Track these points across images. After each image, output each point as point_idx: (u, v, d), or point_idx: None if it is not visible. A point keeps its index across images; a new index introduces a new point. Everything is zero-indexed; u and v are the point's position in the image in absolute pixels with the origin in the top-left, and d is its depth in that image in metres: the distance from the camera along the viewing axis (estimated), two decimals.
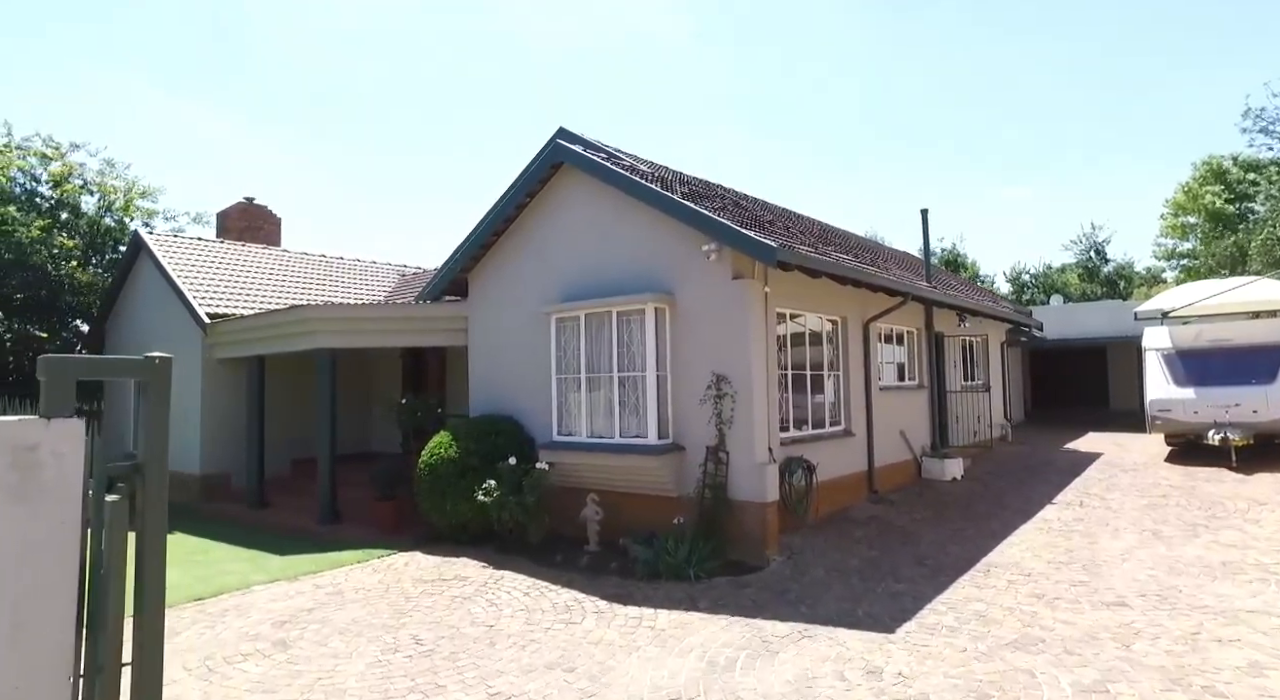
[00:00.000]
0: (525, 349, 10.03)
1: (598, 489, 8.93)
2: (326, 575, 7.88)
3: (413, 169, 69.83)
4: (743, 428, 8.03)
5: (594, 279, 9.34)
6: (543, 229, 10.07)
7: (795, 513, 8.84)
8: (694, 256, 8.42)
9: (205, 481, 12.87)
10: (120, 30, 43.91)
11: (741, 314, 8.12)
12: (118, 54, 44.68)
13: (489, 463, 9.16)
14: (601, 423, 8.92)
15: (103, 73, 43.19)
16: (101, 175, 18.86)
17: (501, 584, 7.39)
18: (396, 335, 10.98)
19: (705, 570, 7.36)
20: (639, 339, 8.61)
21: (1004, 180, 65.04)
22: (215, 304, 13.13)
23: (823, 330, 10.42)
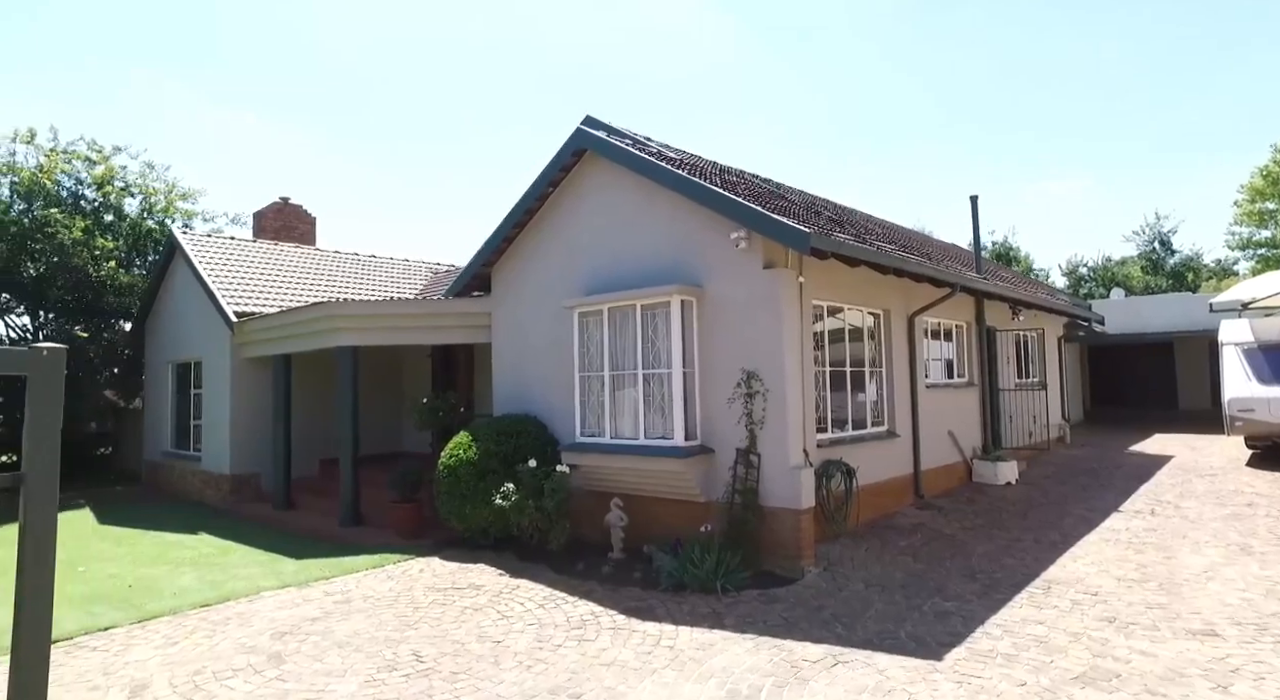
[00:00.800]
0: (548, 345, 9.61)
1: (623, 493, 8.46)
2: (338, 582, 7.57)
3: (451, 170, 70.44)
4: (775, 428, 7.46)
5: (618, 271, 8.86)
6: (565, 220, 9.63)
7: (833, 520, 8.24)
8: (723, 246, 7.88)
9: (235, 482, 12.79)
10: (155, 33, 45.13)
11: (773, 306, 7.54)
12: (154, 57, 45.93)
13: (510, 465, 8.76)
14: (626, 423, 8.44)
15: (139, 75, 44.43)
16: (142, 178, 19.14)
17: (516, 594, 6.96)
18: (419, 332, 10.68)
19: (734, 582, 6.82)
20: (664, 333, 8.10)
21: (1057, 173, 62.57)
22: (245, 303, 13.05)
23: (864, 324, 9.76)
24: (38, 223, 16.36)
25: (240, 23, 48.00)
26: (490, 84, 66.39)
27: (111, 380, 17.67)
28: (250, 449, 12.87)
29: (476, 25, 56.69)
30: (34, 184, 16.89)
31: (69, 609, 6.98)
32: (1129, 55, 56.76)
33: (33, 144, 17.71)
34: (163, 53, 46.03)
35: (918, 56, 61.19)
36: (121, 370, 17.48)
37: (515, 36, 60.01)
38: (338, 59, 56.33)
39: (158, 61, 45.18)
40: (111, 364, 17.39)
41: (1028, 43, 56.44)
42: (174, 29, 44.61)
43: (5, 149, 17.46)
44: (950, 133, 65.64)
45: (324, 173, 58.51)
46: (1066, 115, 61.59)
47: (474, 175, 70.92)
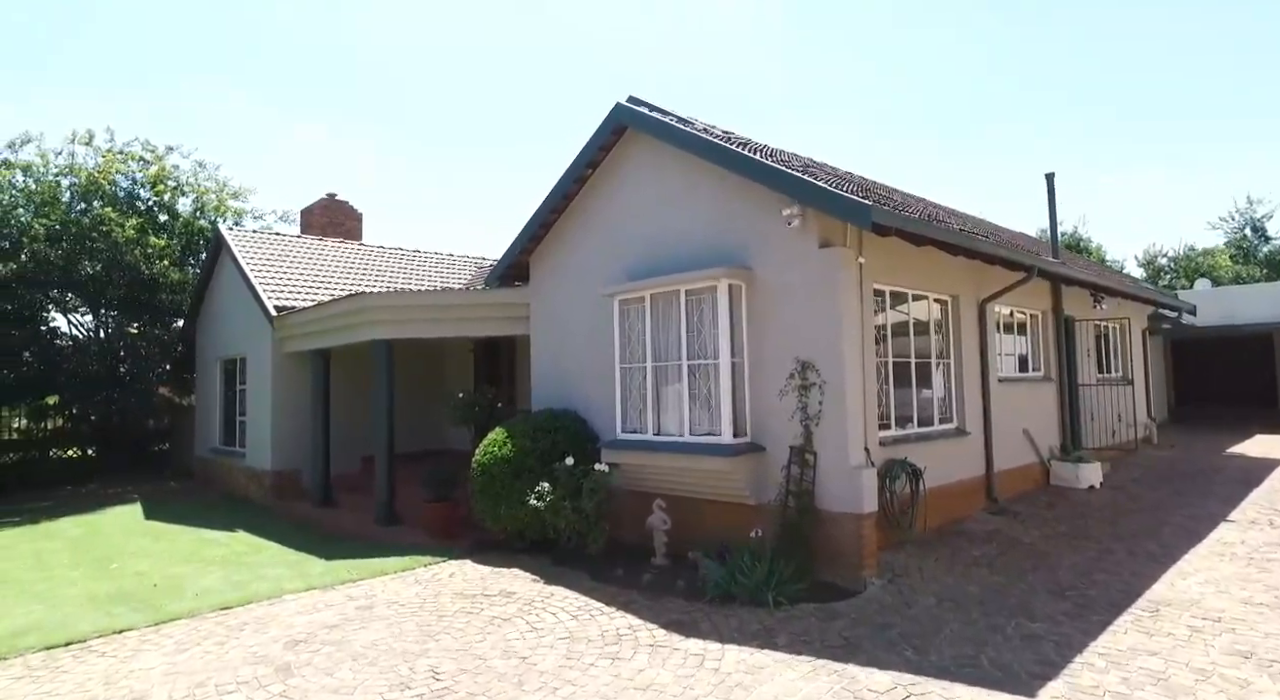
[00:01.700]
0: (588, 336, 9.07)
1: (666, 494, 7.85)
2: (363, 585, 7.16)
3: (498, 165, 70.86)
4: (833, 424, 6.74)
5: (661, 255, 8.26)
6: (605, 203, 9.08)
7: (897, 526, 7.47)
8: (774, 224, 7.20)
9: (276, 478, 12.63)
10: (202, 34, 46.37)
11: (830, 289, 6.83)
12: (201, 57, 47.21)
13: (547, 463, 8.25)
14: (670, 418, 7.83)
15: (189, 76, 45.71)
16: (194, 176, 19.39)
17: (549, 603, 6.42)
18: (455, 325, 10.26)
19: (787, 594, 6.14)
20: (711, 321, 7.46)
21: (1131, 162, 59.35)
22: (286, 297, 12.89)
23: (929, 311, 8.93)
24: (95, 221, 16.64)
25: (291, 32, 49.04)
26: (546, 89, 66.57)
27: (164, 377, 17.90)
28: (291, 446, 12.69)
29: (532, 30, 56.81)
30: (92, 184, 17.21)
31: (90, 609, 6.74)
32: (1211, 35, 53.43)
33: (91, 145, 18.11)
34: (218, 62, 47.33)
35: (983, 41, 58.83)
36: (174, 367, 17.69)
37: (565, 41, 59.98)
38: (390, 65, 57.16)
39: (212, 70, 46.48)
40: (165, 361, 17.61)
41: (1101, 23, 53.62)
42: (227, 39, 45.83)
43: (65, 151, 17.89)
44: (1018, 116, 62.99)
45: (379, 177, 59.45)
46: (1143, 101, 58.37)
47: (527, 179, 71.24)
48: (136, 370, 17.44)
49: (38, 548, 9.91)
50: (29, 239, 16.07)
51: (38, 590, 7.61)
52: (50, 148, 17.91)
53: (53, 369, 16.24)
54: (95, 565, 8.61)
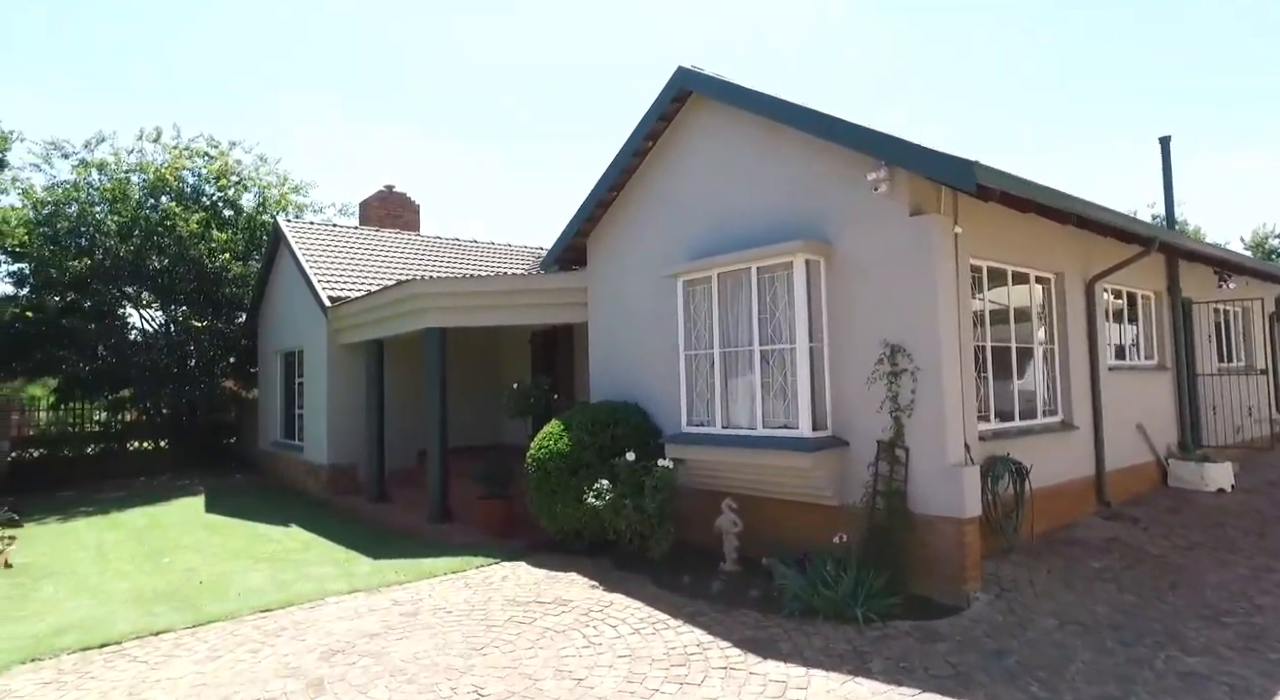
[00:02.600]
0: (649, 321, 8.42)
1: (736, 493, 7.15)
2: (410, 588, 6.69)
3: (559, 157, 70.82)
4: (929, 416, 5.92)
5: (729, 230, 7.54)
6: (666, 177, 8.40)
7: (1000, 531, 6.59)
8: (857, 192, 6.40)
9: (332, 472, 12.42)
10: (255, 34, 47.44)
11: (924, 262, 5.99)
12: (259, 59, 48.32)
13: (606, 458, 7.65)
14: (740, 410, 7.11)
15: (247, 78, 46.85)
16: (256, 170, 19.55)
17: (609, 613, 5.80)
18: (509, 312, 9.76)
19: (878, 610, 5.36)
20: (786, 301, 6.70)
21: (1234, 145, 55.16)
22: (341, 288, 12.67)
23: (1031, 290, 7.95)
24: (162, 216, 16.88)
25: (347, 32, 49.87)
26: (610, 83, 66.21)
27: (228, 370, 18.09)
28: (347, 439, 12.47)
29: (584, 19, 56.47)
30: (160, 180, 17.48)
31: (132, 607, 6.46)
32: None
33: (159, 142, 18.42)
34: (277, 64, 48.47)
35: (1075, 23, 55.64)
36: (238, 360, 17.86)
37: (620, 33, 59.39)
38: (448, 63, 57.64)
39: (271, 72, 47.62)
40: (229, 354, 17.79)
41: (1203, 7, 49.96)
42: (286, 41, 46.87)
43: (135, 148, 18.24)
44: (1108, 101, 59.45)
45: (439, 172, 60.08)
46: (1248, 84, 54.18)
47: (593, 175, 71.11)
48: (202, 364, 17.66)
49: (101, 538, 9.87)
50: (102, 235, 16.40)
51: (91, 583, 7.43)
52: (122, 146, 18.35)
53: (125, 363, 16.54)
54: (149, 558, 8.43)
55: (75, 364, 16.34)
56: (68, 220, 16.60)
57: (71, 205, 16.90)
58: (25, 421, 18.17)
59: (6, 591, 7.27)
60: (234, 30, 43.39)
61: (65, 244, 16.32)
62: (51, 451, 17.43)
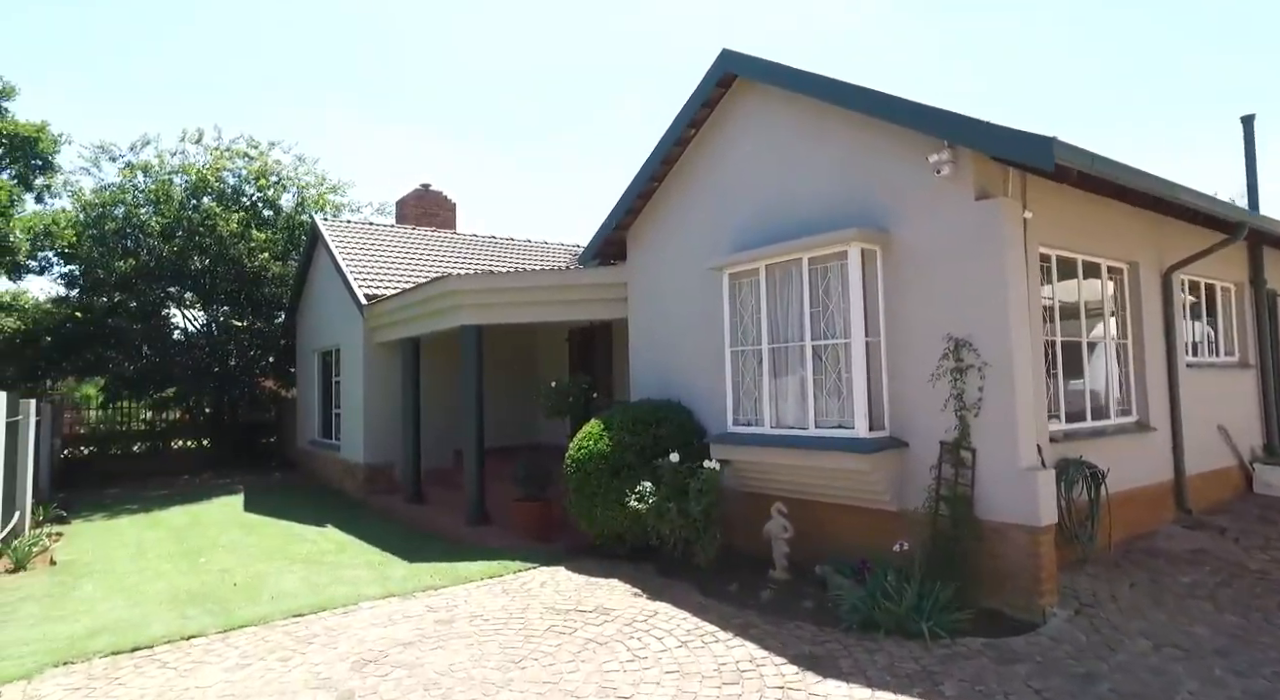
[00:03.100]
0: (693, 316, 8.08)
1: (786, 496, 6.78)
2: (445, 594, 6.44)
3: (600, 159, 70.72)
4: (998, 415, 5.47)
5: (777, 220, 7.16)
6: (710, 166, 8.04)
7: (1075, 540, 6.09)
8: (917, 176, 5.99)
9: (369, 472, 12.32)
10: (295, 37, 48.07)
11: (992, 249, 5.54)
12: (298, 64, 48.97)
13: (649, 459, 7.33)
14: (790, 408, 6.72)
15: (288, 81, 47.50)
16: (294, 170, 19.69)
17: (653, 623, 5.48)
18: (546, 308, 9.49)
19: (945, 625, 4.95)
20: (840, 293, 6.30)
21: None
22: (377, 286, 12.56)
23: (1102, 281, 7.41)
24: (203, 216, 17.04)
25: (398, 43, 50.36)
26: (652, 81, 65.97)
27: (267, 370, 18.21)
28: (384, 438, 12.35)
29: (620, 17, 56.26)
30: (201, 181, 17.67)
31: (166, 609, 6.32)
32: None
33: (200, 143, 18.64)
34: (314, 68, 49.17)
35: None
36: (278, 360, 17.96)
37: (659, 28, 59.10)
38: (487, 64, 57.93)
39: (309, 75, 48.30)
40: (268, 354, 17.90)
41: None
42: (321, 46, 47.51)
43: (178, 150, 18.47)
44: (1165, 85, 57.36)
45: (475, 173, 60.41)
46: None
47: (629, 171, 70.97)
48: (242, 363, 17.81)
49: (142, 536, 9.86)
50: (146, 236, 16.62)
51: (128, 583, 7.34)
52: (165, 148, 18.61)
53: (168, 362, 16.73)
54: (186, 558, 8.35)
55: (121, 364, 16.58)
56: (114, 222, 16.86)
57: (118, 207, 17.17)
58: (78, 420, 18.57)
59: (48, 589, 7.22)
60: (271, 33, 44.14)
61: (112, 245, 16.57)
62: (101, 450, 17.75)
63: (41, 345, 16.31)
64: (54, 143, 14.98)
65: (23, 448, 10.50)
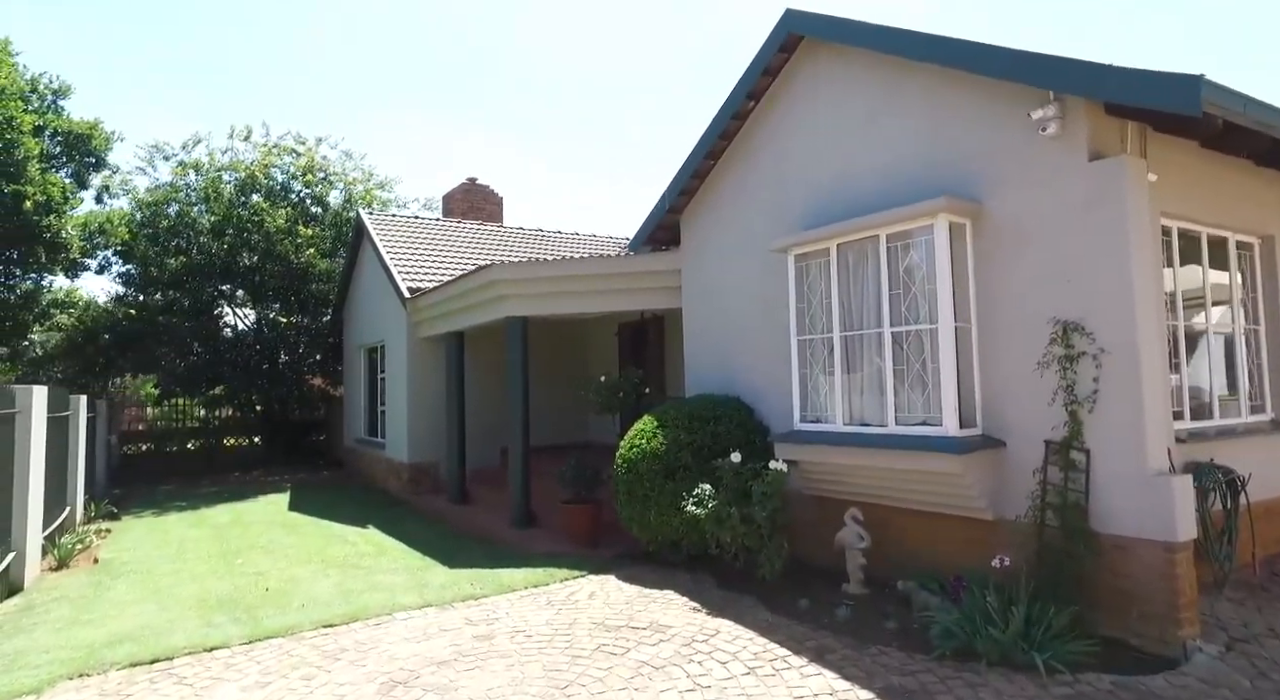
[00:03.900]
0: (754, 304, 7.42)
1: (861, 500, 6.08)
2: (487, 603, 5.91)
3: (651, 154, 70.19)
4: (1119, 410, 4.68)
5: (849, 194, 6.45)
6: (772, 138, 7.36)
7: (1211, 559, 5.23)
8: (1015, 137, 5.23)
9: (413, 471, 11.97)
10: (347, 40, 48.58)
11: (1111, 217, 4.75)
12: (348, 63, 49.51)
13: (706, 459, 6.71)
14: (866, 403, 6.01)
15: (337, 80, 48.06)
16: (341, 166, 19.63)
17: (715, 645, 4.84)
18: (595, 298, 8.93)
19: (1064, 658, 4.20)
20: (924, 273, 5.57)
21: None
22: (420, 279, 12.20)
23: (1230, 257, 6.46)
24: (251, 212, 17.04)
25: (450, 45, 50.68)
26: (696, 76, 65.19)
27: (314, 368, 18.14)
28: (429, 436, 11.98)
29: None
30: (250, 178, 17.70)
31: (193, 615, 5.94)
32: None
33: (249, 140, 18.71)
34: (366, 67, 49.74)
35: None
36: (325, 357, 17.87)
37: None
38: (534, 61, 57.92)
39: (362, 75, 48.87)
40: (316, 351, 17.82)
41: None
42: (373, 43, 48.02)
43: (228, 148, 18.58)
44: None
45: (524, 168, 60.49)
46: None
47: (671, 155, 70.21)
48: (291, 361, 17.79)
49: (184, 535, 9.64)
50: (196, 233, 16.69)
51: (162, 584, 7.04)
52: (216, 146, 18.77)
53: (217, 360, 16.76)
54: (223, 559, 8.04)
55: (172, 361, 16.67)
56: (168, 219, 16.98)
57: (171, 205, 17.30)
58: (139, 417, 18.86)
59: (82, 590, 6.96)
60: (318, 32, 44.82)
61: (165, 243, 16.68)
62: (158, 447, 17.94)
63: (100, 343, 16.50)
64: (106, 140, 15.12)
65: (73, 443, 10.43)
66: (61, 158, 14.64)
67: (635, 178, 60.55)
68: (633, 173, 61.47)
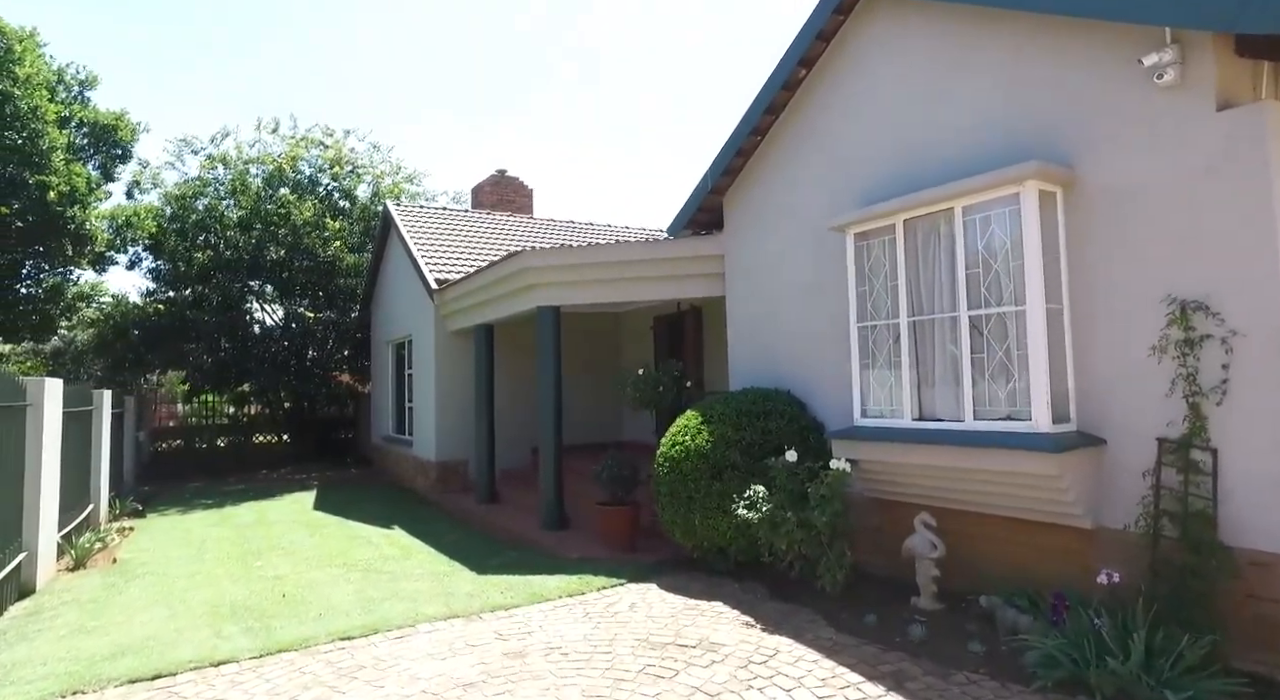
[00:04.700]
0: (806, 289, 6.82)
1: (930, 504, 5.45)
2: (518, 615, 5.38)
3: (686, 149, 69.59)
4: (1257, 402, 4.00)
5: (916, 165, 5.82)
6: (827, 108, 6.74)
7: None
8: (1119, 88, 4.57)
9: (441, 470, 11.52)
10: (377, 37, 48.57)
11: (1247, 174, 4.06)
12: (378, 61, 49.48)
13: (757, 458, 6.13)
14: (939, 396, 5.38)
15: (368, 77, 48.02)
16: (369, 158, 19.33)
17: (776, 667, 4.26)
18: (631, 286, 8.37)
19: (1205, 698, 3.53)
20: (1008, 248, 4.92)
21: None
22: (448, 270, 11.76)
23: None
24: (277, 205, 16.78)
25: None
26: None
27: (341, 364, 17.85)
28: (457, 434, 11.54)
29: None
30: (278, 171, 17.45)
31: (204, 624, 5.51)
32: None
33: (276, 133, 18.48)
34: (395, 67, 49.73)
35: None
36: (352, 353, 17.57)
37: None
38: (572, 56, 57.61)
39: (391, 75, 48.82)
40: (343, 347, 17.52)
41: None
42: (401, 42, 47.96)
43: (255, 142, 18.36)
44: None
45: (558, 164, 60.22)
46: None
47: None
48: (318, 357, 17.52)
49: (206, 535, 9.29)
50: (224, 227, 16.47)
51: (176, 588, 6.64)
52: (244, 140, 18.56)
53: (245, 355, 16.52)
54: (242, 561, 7.64)
55: (200, 357, 16.48)
56: (196, 214, 16.80)
57: (199, 199, 17.12)
58: (171, 413, 18.76)
59: (94, 594, 6.59)
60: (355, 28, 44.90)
61: (192, 238, 16.50)
62: (187, 443, 17.80)
63: (130, 339, 16.36)
64: (132, 132, 14.93)
65: (96, 439, 10.15)
66: (89, 150, 14.48)
67: (670, 175, 59.99)
68: (668, 169, 60.91)
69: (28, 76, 11.55)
